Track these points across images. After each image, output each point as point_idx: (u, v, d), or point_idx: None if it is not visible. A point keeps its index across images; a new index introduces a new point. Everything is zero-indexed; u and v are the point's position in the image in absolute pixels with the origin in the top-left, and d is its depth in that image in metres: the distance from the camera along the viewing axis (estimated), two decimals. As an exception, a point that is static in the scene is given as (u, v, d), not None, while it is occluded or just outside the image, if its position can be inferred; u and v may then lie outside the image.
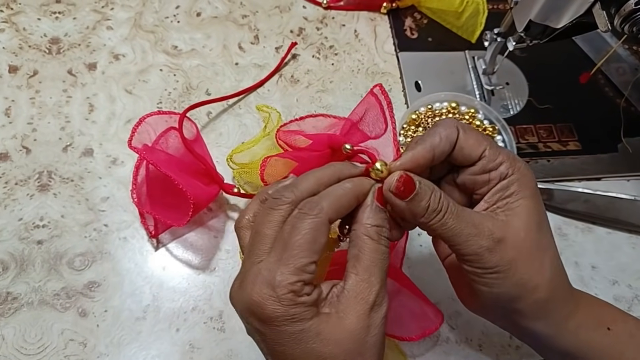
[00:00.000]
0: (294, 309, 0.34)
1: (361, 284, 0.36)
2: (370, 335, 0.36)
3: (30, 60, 0.65)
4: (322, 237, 0.35)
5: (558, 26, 0.56)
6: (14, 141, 0.60)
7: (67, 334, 0.52)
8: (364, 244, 0.37)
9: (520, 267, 0.39)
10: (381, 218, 0.38)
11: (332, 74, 0.70)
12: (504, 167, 0.40)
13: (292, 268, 0.34)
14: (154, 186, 0.56)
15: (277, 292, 0.34)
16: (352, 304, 0.36)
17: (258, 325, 0.35)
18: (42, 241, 0.56)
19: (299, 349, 0.35)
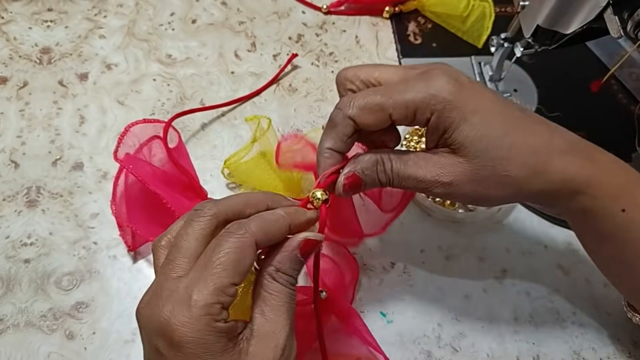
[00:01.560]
0: (207, 335, 0.31)
1: (269, 327, 0.34)
2: None
3: (20, 70, 0.64)
4: (247, 259, 0.33)
5: (567, 32, 0.53)
6: (2, 155, 0.59)
7: (53, 357, 0.50)
8: (270, 284, 0.35)
9: (482, 191, 0.40)
10: (293, 269, 0.36)
11: (332, 82, 0.67)
12: (420, 115, 0.38)
13: (211, 287, 0.31)
14: (135, 197, 0.54)
15: (193, 313, 0.31)
16: (262, 348, 0.34)
17: (164, 347, 0.32)
18: (30, 260, 0.54)
19: None
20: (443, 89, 0.38)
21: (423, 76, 0.39)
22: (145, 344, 0.34)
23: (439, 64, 0.40)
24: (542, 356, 0.54)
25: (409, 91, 0.38)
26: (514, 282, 0.58)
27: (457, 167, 0.39)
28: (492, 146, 0.38)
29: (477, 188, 0.39)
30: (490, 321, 0.55)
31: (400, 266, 0.57)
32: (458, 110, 0.38)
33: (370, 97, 0.38)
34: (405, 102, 0.38)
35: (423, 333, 0.54)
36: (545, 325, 0.56)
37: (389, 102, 0.38)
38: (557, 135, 0.41)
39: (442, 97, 0.37)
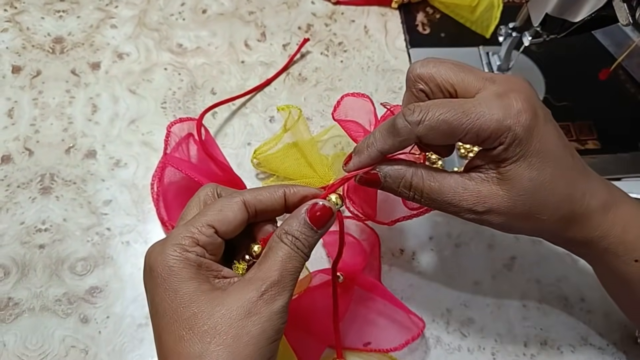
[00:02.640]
0: (174, 260, 0.34)
1: (258, 274, 0.35)
2: (251, 322, 0.34)
3: (33, 60, 0.64)
4: (230, 211, 0.36)
5: (576, 20, 0.53)
6: (16, 143, 0.59)
7: (68, 341, 0.51)
8: (274, 243, 0.37)
9: (512, 225, 0.40)
10: (301, 232, 0.37)
11: (341, 71, 0.68)
12: (488, 144, 0.37)
13: (188, 226, 0.35)
14: (173, 196, 0.56)
15: (166, 242, 0.35)
16: (241, 287, 0.35)
17: (146, 276, 0.36)
18: (44, 245, 0.55)
19: (170, 309, 0.34)
20: (519, 122, 0.36)
21: (502, 100, 0.37)
22: None
23: (520, 82, 0.39)
24: (549, 342, 0.55)
25: (483, 116, 0.36)
26: (522, 270, 0.58)
27: (496, 199, 0.39)
28: (538, 190, 0.39)
29: (508, 221, 0.40)
30: (499, 307, 0.56)
31: (409, 253, 0.58)
32: (524, 146, 0.37)
33: (443, 116, 0.36)
34: (478, 129, 0.36)
35: (432, 318, 0.55)
36: (553, 312, 0.56)
37: (461, 127, 0.36)
38: (592, 188, 0.41)
39: (516, 133, 0.36)
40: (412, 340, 0.51)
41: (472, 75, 0.39)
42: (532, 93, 0.38)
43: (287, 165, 0.55)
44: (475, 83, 0.38)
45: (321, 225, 0.37)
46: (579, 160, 0.41)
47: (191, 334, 0.33)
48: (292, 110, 0.56)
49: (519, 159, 0.37)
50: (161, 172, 0.56)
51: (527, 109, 0.36)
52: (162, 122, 0.62)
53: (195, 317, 0.33)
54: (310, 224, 0.37)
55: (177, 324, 0.33)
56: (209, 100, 0.64)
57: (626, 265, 0.42)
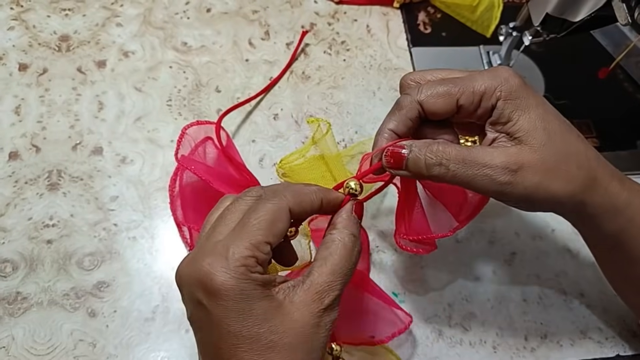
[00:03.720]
0: (244, 283, 0.33)
1: (323, 284, 0.36)
2: (319, 335, 0.35)
3: (39, 58, 0.65)
4: (280, 223, 0.36)
5: (576, 20, 0.54)
6: (23, 140, 0.60)
7: (76, 335, 0.52)
8: (337, 248, 0.37)
9: (548, 185, 0.40)
10: (357, 229, 0.39)
11: (344, 70, 0.69)
12: (486, 101, 0.40)
13: (247, 243, 0.34)
14: (189, 197, 0.56)
15: (230, 264, 0.33)
16: (307, 299, 0.35)
17: (204, 299, 0.34)
18: (52, 241, 0.55)
19: (246, 331, 0.34)
20: (509, 79, 0.40)
21: (489, 70, 0.41)
22: (187, 302, 0.36)
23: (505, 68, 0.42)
24: (549, 335, 0.56)
25: (476, 80, 0.40)
26: (522, 265, 0.59)
27: (524, 155, 0.39)
28: (556, 140, 0.40)
29: (542, 181, 0.39)
30: (500, 302, 0.57)
31: (411, 248, 0.59)
32: (523, 99, 0.40)
33: (439, 85, 0.41)
34: (472, 88, 0.40)
35: (434, 313, 0.56)
36: (553, 306, 0.57)
37: (456, 89, 0.40)
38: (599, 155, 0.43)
39: (509, 86, 0.40)
40: (398, 333, 0.51)
41: (459, 70, 0.43)
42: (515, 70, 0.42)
43: (312, 178, 0.55)
44: (464, 72, 0.42)
45: (361, 219, 0.40)
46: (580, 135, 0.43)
47: (269, 350, 0.34)
48: (322, 124, 0.56)
49: (525, 111, 0.40)
50: (180, 176, 0.56)
51: (513, 73, 0.40)
52: (167, 120, 0.62)
53: (273, 334, 0.34)
54: (357, 219, 0.39)
55: (256, 344, 0.34)
56: (213, 97, 0.64)
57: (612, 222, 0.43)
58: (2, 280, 0.53)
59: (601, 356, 0.55)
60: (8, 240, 0.55)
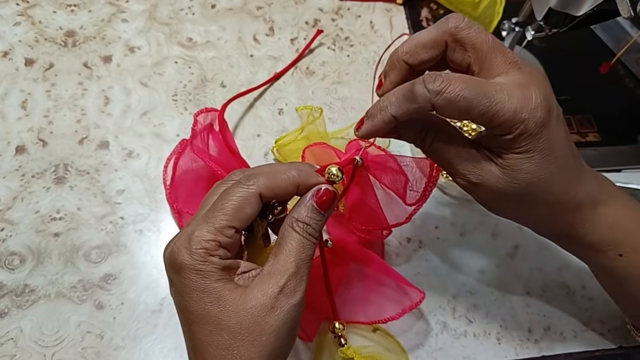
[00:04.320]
0: (202, 264, 0.35)
1: (276, 267, 0.37)
2: (273, 317, 0.36)
3: (46, 53, 0.65)
4: (249, 208, 0.37)
5: (579, 14, 0.54)
6: (30, 134, 0.60)
7: (84, 326, 0.52)
8: (286, 232, 0.38)
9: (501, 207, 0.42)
10: (310, 217, 0.38)
11: (348, 65, 0.69)
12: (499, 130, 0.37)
13: (210, 227, 0.36)
14: (185, 185, 0.57)
15: (191, 245, 0.35)
16: (262, 283, 0.37)
17: (172, 274, 0.37)
18: (59, 234, 0.56)
19: (199, 307, 0.36)
20: (534, 117, 0.36)
21: (523, 91, 0.36)
22: (168, 278, 0.39)
23: (540, 75, 0.38)
24: (552, 327, 0.56)
25: (502, 103, 0.36)
26: (525, 258, 0.60)
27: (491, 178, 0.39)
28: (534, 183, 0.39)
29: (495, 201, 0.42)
30: (503, 295, 0.57)
31: (415, 242, 0.59)
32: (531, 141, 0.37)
33: (464, 92, 0.35)
34: (493, 115, 0.36)
35: (438, 305, 0.56)
36: (555, 299, 0.58)
37: (478, 108, 0.36)
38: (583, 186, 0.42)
39: (528, 126, 0.36)
40: (409, 309, 0.51)
41: (501, 55, 0.38)
42: (550, 90, 0.38)
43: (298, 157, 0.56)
44: (502, 65, 0.38)
45: (327, 208, 0.39)
46: (578, 159, 0.41)
47: (219, 329, 0.36)
48: (314, 111, 0.57)
49: (524, 152, 0.38)
50: (179, 155, 0.57)
51: (544, 106, 0.36)
52: (173, 114, 0.63)
53: (223, 313, 0.36)
54: (317, 209, 0.38)
55: (206, 319, 0.36)
56: (219, 92, 0.65)
57: (611, 260, 0.43)
58: (10, 272, 0.54)
59: (604, 347, 0.56)
60: (15, 233, 0.55)
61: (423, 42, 0.39)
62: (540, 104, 0.36)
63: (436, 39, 0.39)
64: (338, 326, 0.49)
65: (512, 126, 0.36)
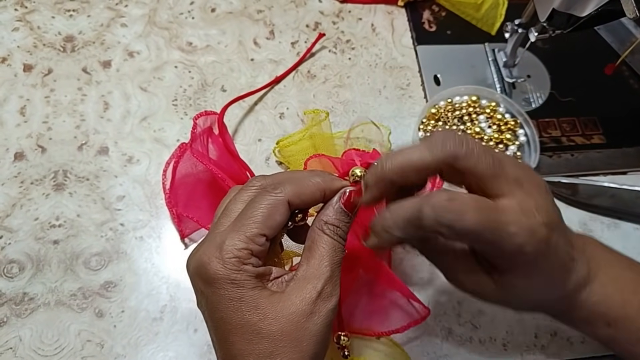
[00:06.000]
0: (236, 274, 0.35)
1: (311, 271, 0.37)
2: (312, 322, 0.36)
3: (44, 58, 0.65)
4: (278, 215, 0.37)
5: (583, 15, 0.54)
6: (29, 140, 0.60)
7: (84, 335, 0.52)
8: (317, 236, 0.38)
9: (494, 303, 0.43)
10: (338, 219, 0.38)
11: (350, 68, 0.68)
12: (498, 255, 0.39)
13: (242, 235, 0.35)
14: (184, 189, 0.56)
15: (223, 255, 0.35)
16: (299, 288, 0.36)
17: (202, 286, 0.36)
18: (58, 241, 0.55)
19: (236, 317, 0.35)
20: (537, 249, 0.37)
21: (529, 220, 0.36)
22: (194, 290, 0.38)
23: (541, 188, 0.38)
24: (559, 332, 0.55)
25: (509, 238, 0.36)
26: (531, 262, 0.59)
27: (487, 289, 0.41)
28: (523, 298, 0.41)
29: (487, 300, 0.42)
30: (509, 299, 0.57)
31: (420, 246, 0.58)
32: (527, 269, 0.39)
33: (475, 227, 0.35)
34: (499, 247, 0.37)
35: (443, 310, 0.55)
36: (562, 303, 0.57)
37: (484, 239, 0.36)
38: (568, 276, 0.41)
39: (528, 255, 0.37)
40: (414, 324, 0.51)
41: (504, 177, 0.37)
42: (552, 203, 0.39)
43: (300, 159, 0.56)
44: (504, 186, 0.37)
45: (353, 209, 0.39)
46: (571, 251, 0.41)
47: (260, 337, 0.35)
48: (321, 114, 0.58)
49: (523, 275, 0.39)
50: (178, 159, 0.57)
51: (548, 235, 0.37)
52: (173, 119, 0.62)
53: (262, 321, 0.35)
54: (345, 210, 0.39)
55: (245, 328, 0.35)
56: (219, 97, 0.64)
57: (599, 329, 0.43)
58: (9, 281, 0.53)
59: (611, 353, 0.55)
60: (14, 240, 0.55)
61: (415, 166, 0.37)
62: (545, 235, 0.37)
63: (430, 167, 0.37)
64: (343, 338, 0.49)
65: (516, 256, 0.37)
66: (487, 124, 0.65)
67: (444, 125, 0.65)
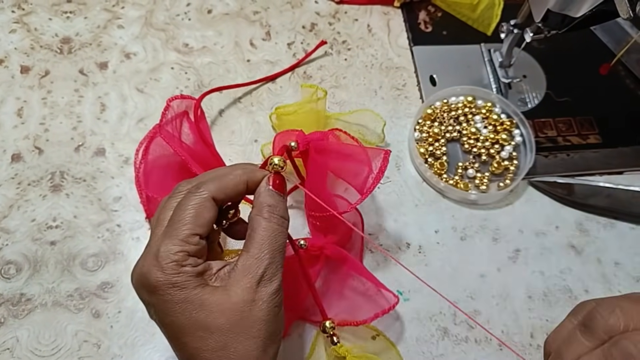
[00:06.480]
0: (176, 277, 0.36)
1: (250, 260, 0.38)
2: (257, 309, 0.37)
3: (41, 60, 0.65)
4: (207, 213, 0.38)
5: (577, 15, 0.54)
6: (26, 142, 0.60)
7: (81, 335, 0.52)
8: (255, 222, 0.39)
9: None
10: (274, 199, 0.40)
11: (346, 69, 0.69)
12: None
13: (174, 239, 0.36)
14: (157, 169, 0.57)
15: (161, 262, 0.36)
16: (239, 278, 0.37)
17: (147, 296, 0.37)
18: (55, 242, 0.55)
19: (184, 317, 0.36)
20: None
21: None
22: (142, 302, 0.39)
23: None
24: (555, 332, 0.55)
25: None
26: (527, 262, 0.59)
27: None
28: None
29: None
30: (505, 299, 0.57)
31: (415, 246, 0.59)
32: None
33: None
34: None
35: (439, 310, 0.56)
36: (558, 303, 0.57)
37: None
38: None
39: None
40: (381, 313, 0.51)
41: None
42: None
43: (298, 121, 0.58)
44: None
45: (283, 189, 0.41)
46: None
47: (209, 332, 0.36)
48: (319, 91, 0.59)
49: None
50: (149, 142, 0.58)
51: None
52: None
53: (209, 317, 0.36)
54: (276, 192, 0.40)
55: (194, 327, 0.36)
56: (215, 98, 0.64)
57: None
58: (6, 281, 0.53)
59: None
60: (12, 241, 0.55)
61: None
62: None
63: None
64: (329, 325, 0.49)
65: None
66: (483, 124, 0.65)
67: (440, 125, 0.65)
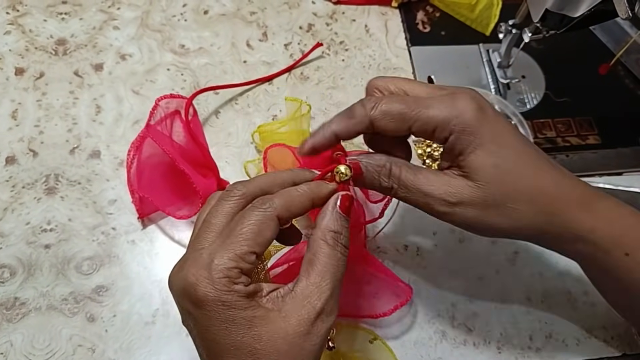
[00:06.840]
0: (227, 295, 0.33)
1: (311, 288, 0.35)
2: (310, 343, 0.34)
3: (36, 62, 0.64)
4: (268, 231, 0.35)
5: (575, 15, 0.53)
6: (20, 144, 0.60)
7: (75, 340, 0.51)
8: (319, 248, 0.36)
9: (489, 220, 0.40)
10: (340, 225, 0.37)
11: (343, 70, 0.68)
12: (439, 132, 0.40)
13: (231, 254, 0.34)
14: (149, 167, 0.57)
15: (213, 275, 0.33)
16: (297, 307, 0.35)
17: (191, 308, 0.34)
18: (50, 245, 0.55)
19: (229, 339, 0.33)
20: (465, 112, 0.39)
21: (449, 97, 0.40)
22: (179, 309, 0.36)
23: (467, 89, 0.41)
24: (554, 335, 0.55)
25: (432, 107, 0.39)
26: (525, 264, 0.58)
27: (466, 190, 0.40)
28: (505, 177, 0.40)
29: (481, 215, 0.40)
30: (503, 301, 0.56)
31: (413, 248, 0.58)
32: (476, 135, 0.39)
33: (395, 104, 0.39)
34: (427, 117, 0.39)
35: (437, 313, 0.55)
36: (557, 305, 0.57)
37: (412, 113, 0.39)
38: (566, 182, 0.41)
39: (463, 120, 0.39)
40: (400, 305, 0.51)
41: (424, 84, 0.42)
42: (478, 95, 0.40)
43: None
44: (427, 89, 0.41)
45: (349, 212, 0.38)
46: (545, 156, 0.42)
47: (255, 358, 0.34)
48: (303, 105, 0.58)
49: (476, 148, 0.39)
50: (140, 142, 0.57)
51: (472, 103, 0.39)
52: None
53: (258, 342, 0.34)
54: (344, 215, 0.38)
55: (239, 350, 0.34)
56: (212, 99, 0.64)
57: (617, 260, 0.41)
58: (0, 285, 0.53)
59: (607, 355, 0.55)
60: (6, 245, 0.55)
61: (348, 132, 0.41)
62: (468, 102, 0.39)
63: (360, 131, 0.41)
64: None
65: (448, 124, 0.39)
66: (481, 125, 0.65)
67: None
